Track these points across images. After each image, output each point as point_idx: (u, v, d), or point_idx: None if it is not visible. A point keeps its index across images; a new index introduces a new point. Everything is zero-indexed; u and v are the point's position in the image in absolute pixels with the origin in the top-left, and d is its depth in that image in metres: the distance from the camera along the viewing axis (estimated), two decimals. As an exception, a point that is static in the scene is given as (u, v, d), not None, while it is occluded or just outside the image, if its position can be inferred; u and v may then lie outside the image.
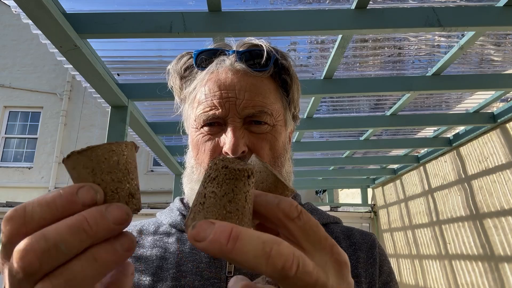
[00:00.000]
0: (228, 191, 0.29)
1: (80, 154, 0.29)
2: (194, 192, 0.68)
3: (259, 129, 0.66)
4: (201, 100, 0.67)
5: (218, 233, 0.27)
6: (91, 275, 0.27)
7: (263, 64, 0.68)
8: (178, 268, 0.64)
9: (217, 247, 0.26)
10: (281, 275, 0.27)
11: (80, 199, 0.28)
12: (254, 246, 0.27)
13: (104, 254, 0.27)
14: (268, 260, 0.26)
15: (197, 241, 0.27)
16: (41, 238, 0.26)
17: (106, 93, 2.32)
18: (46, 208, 0.27)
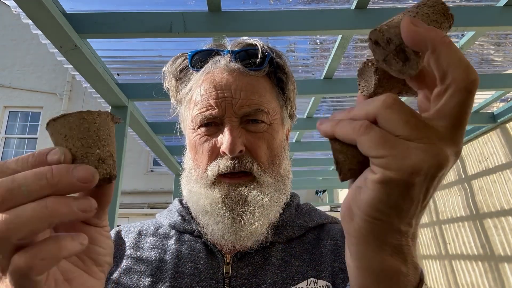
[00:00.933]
0: (438, 20, 0.32)
1: (55, 121, 0.33)
2: (193, 194, 0.68)
3: (256, 127, 0.66)
4: (197, 100, 0.67)
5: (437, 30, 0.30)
6: (37, 218, 0.30)
7: (258, 63, 0.68)
8: (176, 269, 0.65)
9: (432, 35, 0.30)
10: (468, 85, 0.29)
11: (48, 159, 0.32)
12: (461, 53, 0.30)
13: (56, 204, 0.30)
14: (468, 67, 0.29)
15: (414, 25, 0.30)
16: (9, 178, 0.31)
17: (106, 93, 2.32)
18: (20, 163, 0.32)
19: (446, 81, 0.29)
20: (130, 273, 0.66)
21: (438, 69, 0.30)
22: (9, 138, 9.68)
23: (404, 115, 0.30)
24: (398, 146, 0.29)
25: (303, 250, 0.68)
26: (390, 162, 0.29)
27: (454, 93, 0.29)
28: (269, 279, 0.63)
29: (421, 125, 0.30)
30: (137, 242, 0.72)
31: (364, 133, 0.30)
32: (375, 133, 0.30)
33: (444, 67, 0.29)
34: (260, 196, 0.64)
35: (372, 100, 0.31)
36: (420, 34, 0.30)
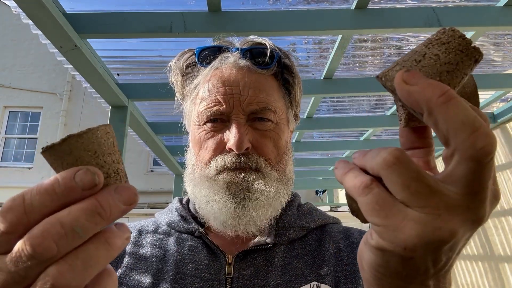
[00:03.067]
0: (452, 61, 0.27)
1: (80, 137, 0.28)
2: (196, 188, 0.67)
3: (263, 126, 0.66)
4: (205, 96, 0.66)
5: (434, 85, 0.26)
6: (104, 256, 0.27)
7: (267, 62, 0.67)
8: (177, 270, 0.64)
9: (426, 95, 0.26)
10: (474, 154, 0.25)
11: (79, 184, 0.27)
12: (466, 114, 0.25)
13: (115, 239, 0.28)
14: (474, 133, 0.25)
15: (406, 83, 0.27)
16: (56, 222, 0.26)
17: (106, 93, 2.32)
18: (46, 196, 0.27)
19: (450, 147, 0.26)
20: (131, 273, 0.65)
21: (438, 134, 0.26)
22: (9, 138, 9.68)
23: (405, 178, 0.26)
24: (393, 216, 0.27)
25: (305, 252, 0.68)
26: (383, 232, 0.27)
27: (461, 161, 0.25)
28: (272, 281, 0.62)
29: (425, 191, 0.26)
30: (137, 241, 0.71)
31: (361, 194, 0.28)
32: (372, 197, 0.28)
33: (444, 132, 0.26)
34: (265, 186, 0.63)
35: (377, 153, 0.28)
36: (413, 95, 0.26)
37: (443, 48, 0.27)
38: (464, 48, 0.27)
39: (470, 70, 0.28)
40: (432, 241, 0.26)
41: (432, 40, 0.28)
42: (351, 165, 0.31)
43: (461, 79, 0.28)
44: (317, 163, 5.02)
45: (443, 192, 0.26)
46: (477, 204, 0.26)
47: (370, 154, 0.29)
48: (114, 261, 0.68)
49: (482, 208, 0.27)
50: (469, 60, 0.27)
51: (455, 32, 0.27)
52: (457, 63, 0.27)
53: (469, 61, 0.27)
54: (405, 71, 0.28)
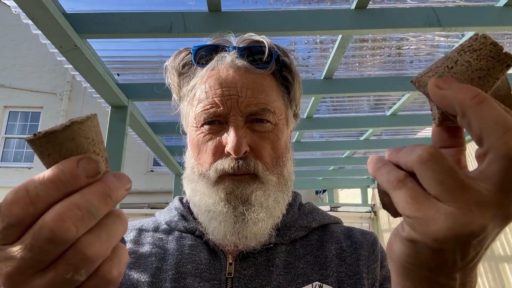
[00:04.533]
0: (484, 68, 0.28)
1: (82, 124, 0.29)
2: (195, 193, 0.67)
3: (261, 127, 0.65)
4: (201, 98, 0.65)
5: (467, 89, 0.27)
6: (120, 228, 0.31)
7: (265, 61, 0.66)
8: (177, 269, 0.64)
9: (460, 98, 0.27)
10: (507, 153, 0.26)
11: (83, 172, 0.29)
12: (498, 115, 0.26)
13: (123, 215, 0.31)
14: (506, 133, 0.26)
15: (439, 88, 0.28)
16: (72, 205, 0.28)
17: (106, 93, 2.32)
18: (51, 185, 0.28)
19: (484, 147, 0.27)
20: (130, 272, 0.65)
21: (471, 134, 0.27)
22: (9, 138, 9.68)
23: (439, 174, 0.27)
24: (425, 209, 0.28)
25: (307, 251, 0.68)
26: (415, 225, 0.28)
27: (495, 160, 0.26)
28: (273, 281, 0.62)
29: (457, 187, 0.27)
30: (137, 239, 0.71)
31: (395, 188, 0.30)
32: (405, 191, 0.29)
33: (478, 132, 0.27)
34: (264, 197, 0.63)
35: (411, 150, 0.29)
36: (446, 99, 0.28)
37: (475, 55, 0.28)
38: (495, 54, 0.28)
39: (502, 74, 0.29)
40: (462, 234, 0.27)
41: (465, 46, 0.29)
42: (384, 160, 0.32)
43: (493, 83, 0.29)
44: (317, 163, 5.02)
45: (476, 189, 0.27)
46: (508, 202, 0.27)
47: (404, 151, 0.30)
48: None
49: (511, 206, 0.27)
50: (500, 65, 0.28)
51: (487, 39, 0.28)
52: (489, 69, 0.28)
53: (500, 66, 0.28)
54: (437, 77, 0.29)
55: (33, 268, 0.28)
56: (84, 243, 0.28)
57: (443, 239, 0.27)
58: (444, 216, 0.27)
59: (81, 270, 0.28)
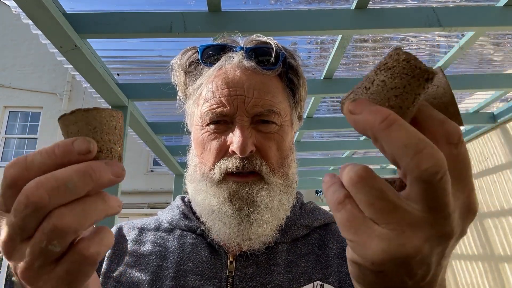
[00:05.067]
0: (399, 86, 0.27)
1: (86, 112, 0.33)
2: (199, 192, 0.67)
3: (267, 128, 0.65)
4: (208, 97, 0.65)
5: (376, 112, 0.27)
6: (100, 208, 0.32)
7: (272, 63, 0.66)
8: (178, 268, 0.64)
9: (370, 122, 0.27)
10: (421, 176, 0.25)
11: (76, 148, 0.31)
12: (408, 137, 0.26)
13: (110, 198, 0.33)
14: (417, 155, 0.25)
15: (352, 113, 0.28)
16: (51, 177, 0.30)
17: (106, 93, 2.32)
18: (45, 155, 0.31)
19: (401, 169, 0.27)
20: (131, 271, 0.65)
21: (387, 157, 0.27)
22: (9, 138, 9.68)
23: (369, 196, 0.27)
24: (362, 232, 0.27)
25: (308, 250, 0.67)
26: (354, 247, 0.28)
27: (413, 182, 0.26)
28: (274, 279, 0.62)
29: (388, 209, 0.27)
30: (138, 239, 0.71)
31: (335, 211, 0.29)
32: (344, 213, 0.28)
33: (391, 156, 0.27)
34: (269, 197, 0.62)
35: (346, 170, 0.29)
36: (358, 123, 0.27)
37: (389, 74, 0.28)
38: (409, 71, 0.27)
39: (424, 88, 0.27)
40: (397, 256, 0.27)
41: (381, 65, 0.28)
42: (335, 179, 0.31)
43: (414, 99, 0.28)
44: (317, 163, 5.02)
45: (407, 210, 0.27)
46: (441, 221, 0.27)
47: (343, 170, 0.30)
48: (115, 260, 0.68)
49: (447, 225, 0.27)
50: (417, 81, 0.27)
51: (400, 55, 0.27)
52: (404, 86, 0.27)
53: (417, 82, 0.27)
54: (351, 102, 0.28)
55: (20, 235, 0.30)
56: (56, 214, 0.29)
57: (379, 262, 0.27)
58: (378, 239, 0.27)
59: (53, 241, 0.29)
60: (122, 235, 0.73)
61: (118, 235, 0.73)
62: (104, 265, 0.67)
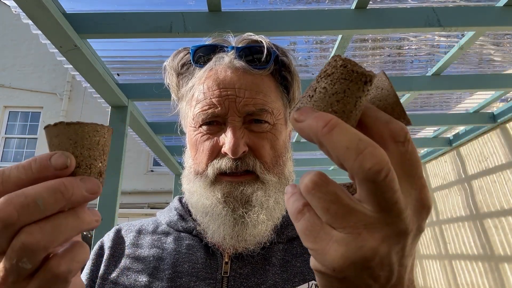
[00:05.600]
0: (339, 91, 0.28)
1: (68, 126, 0.33)
2: (192, 194, 0.67)
3: (259, 127, 0.65)
4: (200, 98, 0.65)
5: (318, 118, 0.28)
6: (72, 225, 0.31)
7: (263, 61, 0.66)
8: (174, 269, 0.64)
9: (313, 128, 0.27)
10: (365, 176, 0.26)
11: (52, 164, 0.31)
12: (349, 139, 0.26)
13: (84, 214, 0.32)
14: (359, 156, 0.26)
15: (297, 122, 0.29)
16: (21, 194, 0.30)
17: (106, 93, 2.32)
18: (22, 170, 0.31)
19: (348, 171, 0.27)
20: (128, 273, 0.65)
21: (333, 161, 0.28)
22: (9, 138, 9.67)
23: (324, 201, 0.27)
24: (321, 240, 0.27)
25: (304, 250, 0.67)
26: (315, 256, 0.28)
27: (360, 183, 0.27)
28: (269, 279, 0.62)
29: (343, 212, 0.27)
30: (136, 241, 0.71)
31: (295, 220, 0.30)
32: (303, 222, 0.29)
33: (335, 159, 0.27)
34: (265, 197, 0.62)
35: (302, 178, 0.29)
36: (303, 131, 0.28)
37: (329, 80, 0.29)
38: (347, 76, 0.28)
39: (364, 91, 0.28)
40: (356, 260, 0.27)
41: (322, 73, 0.29)
42: (295, 189, 0.32)
43: (356, 102, 0.28)
44: (317, 163, 5.02)
45: (361, 211, 0.27)
46: (393, 219, 0.27)
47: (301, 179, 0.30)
48: (113, 262, 0.68)
49: (400, 222, 0.27)
50: (355, 85, 0.28)
51: (337, 61, 0.29)
52: (344, 91, 0.28)
53: (356, 86, 0.28)
54: (296, 110, 0.29)
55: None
56: (26, 232, 0.29)
57: (340, 268, 0.27)
58: (336, 245, 0.27)
59: (23, 258, 0.29)
60: (121, 237, 0.73)
61: (116, 237, 0.73)
62: (102, 267, 0.67)
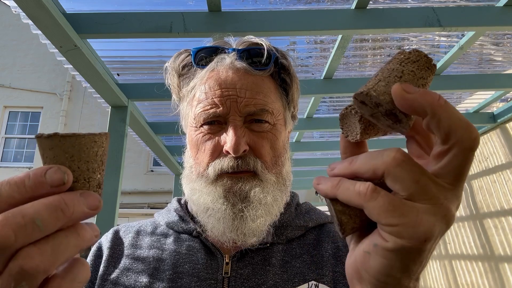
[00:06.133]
0: (424, 76, 0.32)
1: (63, 139, 0.30)
2: (194, 191, 0.67)
3: (260, 127, 0.66)
4: (201, 98, 0.66)
5: (430, 92, 0.29)
6: (73, 244, 0.29)
7: (264, 63, 0.67)
8: (174, 270, 0.64)
9: (428, 99, 0.28)
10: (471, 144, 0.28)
11: (48, 180, 0.28)
12: (459, 112, 0.29)
13: (84, 231, 0.30)
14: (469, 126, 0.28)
15: (407, 92, 0.29)
16: (18, 213, 0.27)
17: (106, 93, 2.32)
18: (14, 187, 0.28)
19: (450, 142, 0.29)
20: (128, 273, 0.65)
21: (440, 132, 0.29)
22: (9, 138, 9.67)
23: (414, 173, 0.29)
24: (409, 213, 0.28)
25: (303, 251, 0.68)
26: (403, 231, 0.28)
27: (459, 153, 0.29)
28: (269, 280, 0.62)
29: (430, 184, 0.29)
30: (135, 241, 0.71)
31: (371, 199, 0.29)
32: (383, 199, 0.29)
33: (446, 129, 0.28)
34: (263, 194, 0.63)
35: (379, 154, 0.30)
36: (416, 101, 0.29)
37: (416, 66, 0.32)
38: (429, 65, 0.32)
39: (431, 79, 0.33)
40: (444, 226, 0.29)
41: (403, 59, 0.32)
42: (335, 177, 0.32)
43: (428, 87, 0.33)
44: (317, 163, 5.02)
45: (440, 184, 0.29)
46: (461, 192, 0.30)
47: (364, 159, 0.31)
48: (112, 262, 0.68)
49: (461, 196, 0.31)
50: (432, 74, 0.33)
51: (420, 52, 0.32)
52: (427, 77, 0.32)
53: (432, 75, 0.33)
54: (401, 84, 0.30)
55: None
56: (24, 255, 0.27)
57: (431, 237, 0.28)
58: (426, 215, 0.28)
59: (21, 282, 0.27)
60: (119, 238, 0.73)
61: (115, 238, 0.73)
62: (101, 268, 0.67)
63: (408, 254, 0.29)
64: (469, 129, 0.28)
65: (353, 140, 0.35)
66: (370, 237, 0.32)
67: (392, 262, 0.30)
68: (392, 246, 0.29)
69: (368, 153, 0.31)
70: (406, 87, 0.29)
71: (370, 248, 0.31)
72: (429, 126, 0.29)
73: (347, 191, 0.31)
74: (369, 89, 0.31)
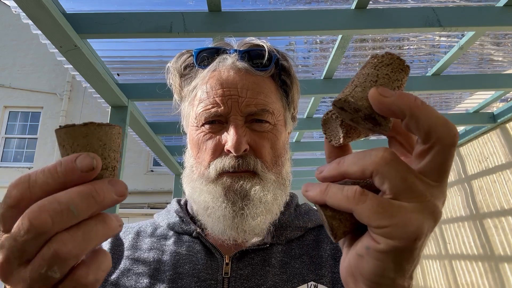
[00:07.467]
0: (398, 78, 0.32)
1: (99, 127, 0.32)
2: (195, 190, 0.67)
3: (260, 127, 0.66)
4: (203, 98, 0.66)
5: (406, 94, 0.30)
6: (101, 232, 0.31)
7: (265, 64, 0.68)
8: (175, 270, 0.64)
9: (406, 101, 0.29)
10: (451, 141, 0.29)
11: (78, 166, 0.30)
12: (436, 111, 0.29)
13: (110, 220, 0.32)
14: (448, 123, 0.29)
15: (384, 96, 0.30)
16: (54, 200, 0.29)
17: (106, 93, 2.32)
18: (48, 174, 0.30)
19: (431, 141, 0.29)
20: (128, 275, 0.65)
21: (420, 131, 0.29)
22: (9, 138, 9.67)
23: (402, 172, 0.29)
24: (398, 214, 0.29)
25: (303, 252, 0.68)
26: (393, 232, 0.29)
27: (441, 150, 0.29)
28: (269, 280, 0.62)
29: (416, 182, 0.29)
30: (135, 243, 0.72)
31: (359, 202, 0.30)
32: (371, 202, 0.29)
33: (426, 129, 0.29)
34: (263, 192, 0.63)
35: (366, 154, 0.31)
36: (393, 104, 0.29)
37: (390, 69, 0.32)
38: (402, 66, 0.33)
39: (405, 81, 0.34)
40: (432, 223, 0.30)
41: (377, 63, 0.33)
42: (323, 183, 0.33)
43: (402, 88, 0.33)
44: (317, 163, 5.02)
45: (426, 181, 0.30)
46: (446, 188, 0.31)
47: (352, 160, 0.31)
48: (113, 263, 0.68)
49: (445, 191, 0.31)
50: (406, 75, 0.33)
51: (393, 55, 0.33)
52: (401, 79, 0.32)
53: (406, 76, 0.33)
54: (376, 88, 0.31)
55: (18, 259, 0.29)
56: (58, 240, 0.29)
57: (421, 235, 0.29)
58: (415, 214, 0.29)
59: (53, 267, 0.29)
60: (119, 239, 0.73)
61: (114, 239, 0.73)
62: None
63: (400, 254, 0.29)
64: (448, 127, 0.29)
65: (336, 144, 0.36)
66: (362, 239, 0.32)
67: (385, 263, 0.30)
68: (384, 248, 0.29)
69: (356, 154, 0.32)
70: (382, 91, 0.30)
71: (362, 251, 0.31)
72: (409, 127, 0.30)
73: (335, 196, 0.31)
74: (347, 95, 0.31)
